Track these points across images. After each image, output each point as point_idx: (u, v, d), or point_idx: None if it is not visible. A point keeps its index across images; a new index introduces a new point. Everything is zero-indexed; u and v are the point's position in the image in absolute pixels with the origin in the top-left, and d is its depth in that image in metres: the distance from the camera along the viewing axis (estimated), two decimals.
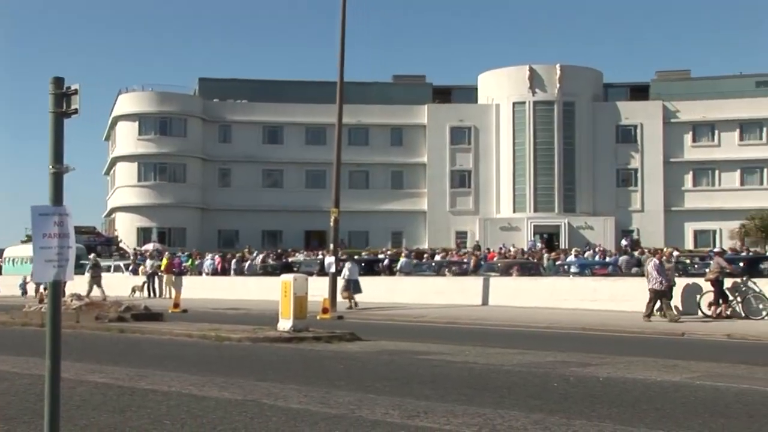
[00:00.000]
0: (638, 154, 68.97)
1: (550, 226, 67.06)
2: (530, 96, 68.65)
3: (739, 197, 65.80)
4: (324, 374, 12.17)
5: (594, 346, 16.59)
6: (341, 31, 28.81)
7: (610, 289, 26.66)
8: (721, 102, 68.19)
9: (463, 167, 70.13)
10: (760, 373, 12.32)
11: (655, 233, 66.16)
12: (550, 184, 68.11)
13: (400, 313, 26.47)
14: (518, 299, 28.24)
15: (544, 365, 13.14)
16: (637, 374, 11.97)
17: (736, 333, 19.29)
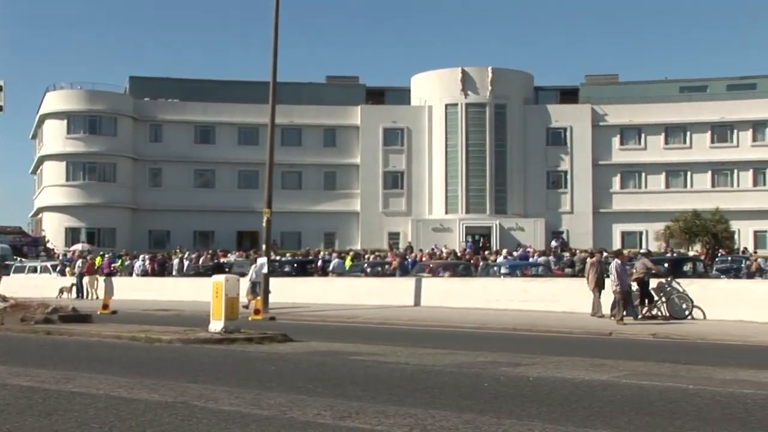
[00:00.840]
0: (568, 157, 70.04)
1: (481, 228, 67.68)
2: (462, 98, 69.21)
3: (665, 199, 67.26)
4: (255, 376, 12.10)
5: (524, 346, 16.80)
6: (274, 31, 28.68)
7: (539, 290, 27.03)
8: (648, 106, 69.63)
9: (396, 168, 70.38)
10: (683, 372, 12.60)
11: (584, 234, 67.31)
12: (482, 185, 68.75)
13: (333, 314, 26.44)
14: (450, 300, 28.44)
15: (475, 365, 13.25)
16: (566, 373, 12.13)
17: (660, 332, 19.72)
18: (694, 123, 69.09)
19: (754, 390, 10.50)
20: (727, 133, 69.13)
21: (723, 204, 61.03)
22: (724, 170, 68.84)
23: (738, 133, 68.84)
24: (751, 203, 66.30)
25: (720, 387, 10.80)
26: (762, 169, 68.24)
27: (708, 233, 54.93)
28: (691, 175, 69.35)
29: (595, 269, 23.78)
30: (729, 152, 68.53)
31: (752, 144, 68.50)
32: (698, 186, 68.59)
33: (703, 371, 12.76)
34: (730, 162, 68.37)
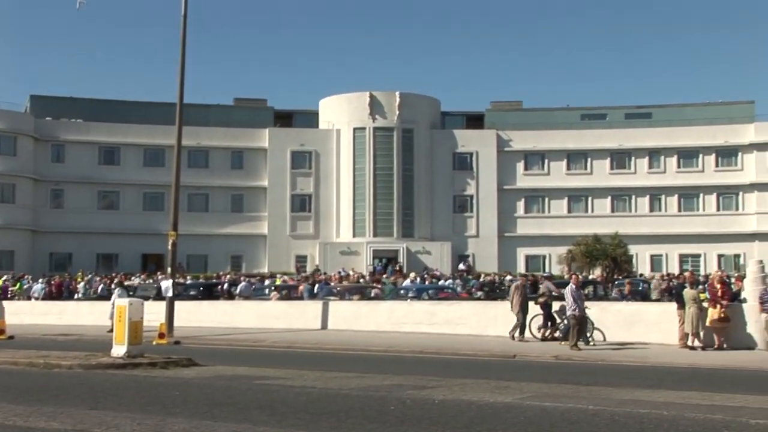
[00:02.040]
0: (474, 181, 71.02)
1: (389, 251, 67.98)
2: (370, 122, 69.62)
3: (567, 224, 68.77)
4: (159, 401, 11.91)
5: (431, 368, 16.95)
6: (181, 52, 28.44)
7: (446, 313, 27.29)
8: (551, 133, 71.26)
9: (303, 191, 70.23)
10: (584, 393, 12.91)
11: (490, 258, 68.28)
12: (390, 209, 69.13)
13: (239, 338, 26.18)
14: (358, 323, 28.47)
15: (381, 389, 13.31)
16: (471, 396, 12.29)
17: (563, 354, 20.15)
18: (594, 150, 70.95)
19: (649, 410, 10.84)
20: (625, 160, 71.20)
21: (622, 228, 62.84)
22: (622, 196, 70.85)
23: (635, 160, 70.96)
24: (648, 228, 68.39)
25: (618, 407, 11.11)
26: (658, 195, 70.45)
27: (608, 257, 56.41)
28: (592, 201, 71.10)
29: (520, 292, 24.03)
30: (627, 178, 70.57)
31: (648, 171, 70.68)
32: (599, 211, 70.36)
33: (603, 392, 13.10)
34: (628, 188, 70.39)
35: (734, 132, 69.41)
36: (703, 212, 69.59)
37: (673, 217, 69.72)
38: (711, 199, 69.76)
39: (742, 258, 63.55)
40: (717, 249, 68.01)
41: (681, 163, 70.31)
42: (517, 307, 23.87)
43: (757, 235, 67.59)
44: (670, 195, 70.17)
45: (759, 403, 11.79)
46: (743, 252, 65.93)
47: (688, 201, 70.09)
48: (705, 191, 69.64)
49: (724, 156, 69.94)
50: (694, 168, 70.06)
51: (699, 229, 68.25)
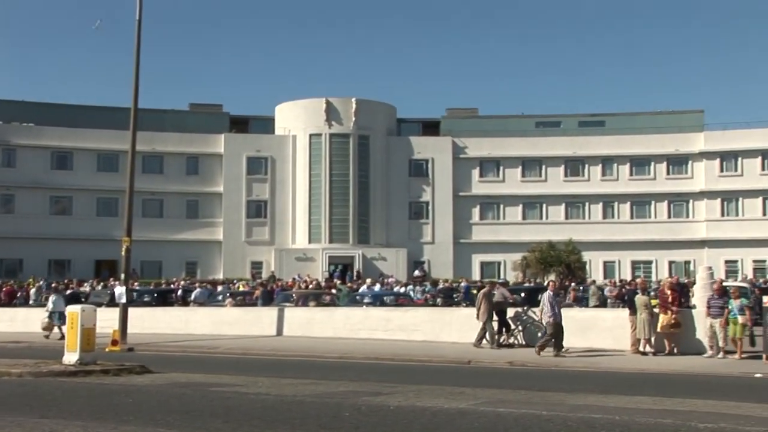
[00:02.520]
0: (429, 188, 71.29)
1: (344, 257, 67.96)
2: (326, 128, 69.58)
3: (521, 231, 69.30)
4: (112, 409, 11.79)
5: (386, 375, 16.99)
6: (136, 56, 28.21)
7: (401, 320, 27.34)
8: (506, 140, 71.79)
9: (259, 197, 69.96)
10: (538, 398, 13.04)
11: (445, 264, 68.56)
12: (345, 215, 69.12)
13: (194, 345, 26.01)
14: (313, 329, 28.42)
15: (336, 395, 13.32)
16: (426, 402, 12.35)
17: (517, 360, 20.31)
18: (548, 157, 71.62)
19: (601, 415, 10.98)
20: (579, 168, 71.96)
21: (575, 235, 63.59)
22: (576, 203, 71.58)
23: (589, 168, 71.76)
24: (601, 235, 69.15)
25: (571, 412, 11.23)
26: (611, 203, 71.27)
27: (562, 263, 57.03)
28: (546, 207, 71.73)
29: (487, 300, 23.83)
30: (581, 186, 71.31)
31: (602, 178, 71.50)
32: (553, 218, 71.03)
33: (556, 397, 13.23)
34: (581, 195, 71.12)
35: (684, 141, 70.53)
36: (654, 219, 70.58)
37: (626, 224, 70.59)
38: (662, 206, 70.77)
39: (692, 264, 64.55)
40: (668, 256, 69.00)
41: (633, 170, 71.24)
42: (484, 315, 23.65)
43: (706, 242, 68.72)
44: (622, 202, 71.04)
45: (708, 407, 11.99)
46: (693, 258, 67.02)
47: (640, 208, 71.04)
48: (656, 199, 70.64)
49: (674, 164, 71.01)
50: (645, 176, 71.03)
51: (651, 236, 69.22)
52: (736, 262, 67.13)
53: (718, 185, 69.33)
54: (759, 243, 66.99)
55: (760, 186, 68.50)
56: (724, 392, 14.29)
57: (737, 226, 68.49)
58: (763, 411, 11.60)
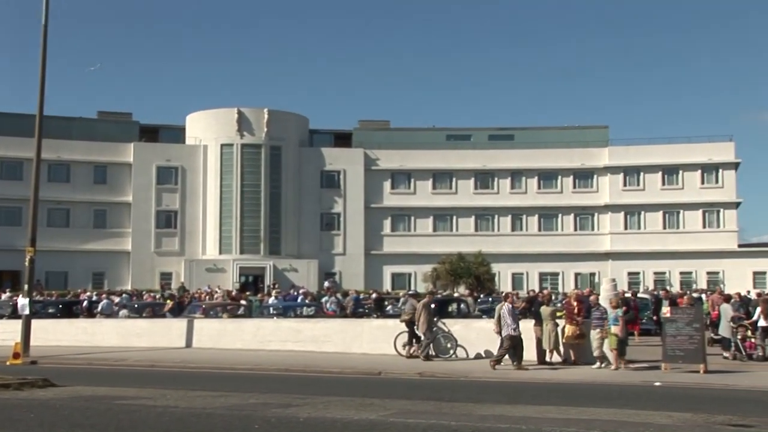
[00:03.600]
0: (341, 199, 71.41)
1: (255, 268, 67.52)
2: (238, 138, 69.10)
3: (432, 242, 69.98)
4: (12, 425, 11.48)
5: (296, 386, 16.96)
6: (41, 62, 27.55)
7: (312, 331, 27.29)
8: (417, 152, 72.44)
9: (169, 207, 69.01)
10: (447, 409, 13.18)
11: (356, 276, 68.72)
12: (257, 226, 68.70)
13: (100, 357, 25.46)
14: (223, 341, 28.14)
15: (246, 407, 13.23)
16: (336, 413, 12.36)
17: (427, 371, 20.47)
18: (459, 170, 72.54)
19: (508, 425, 11.16)
20: (488, 180, 73.07)
21: (485, 247, 64.53)
22: (485, 215, 72.63)
23: (498, 181, 72.93)
24: (510, 247, 70.32)
25: (479, 422, 11.40)
26: (519, 215, 72.56)
27: (471, 275, 57.74)
28: (457, 220, 72.58)
29: (427, 311, 23.68)
30: (490, 198, 72.42)
31: (511, 191, 72.75)
32: (463, 230, 71.91)
33: (465, 408, 13.39)
34: (491, 208, 72.23)
35: (590, 155, 72.32)
36: (561, 232, 72.11)
37: (534, 236, 71.94)
38: (569, 219, 72.37)
39: (597, 276, 66.13)
40: (574, 268, 70.56)
41: (541, 184, 72.68)
42: (424, 325, 23.48)
43: (610, 254, 70.52)
44: (530, 215, 72.39)
45: (609, 415, 12.32)
46: (598, 270, 68.68)
47: (548, 221, 72.49)
48: (563, 212, 72.21)
49: (580, 178, 72.72)
50: (553, 189, 72.55)
51: (558, 248, 70.68)
52: (639, 274, 69.08)
53: (621, 199, 71.30)
54: (660, 255, 69.09)
55: (660, 200, 70.72)
56: (625, 401, 14.70)
57: (639, 239, 70.53)
58: (661, 418, 11.98)
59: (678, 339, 19.99)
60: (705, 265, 69.11)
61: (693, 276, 69.06)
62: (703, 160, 70.93)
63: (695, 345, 19.88)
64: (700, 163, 71.00)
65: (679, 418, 12.03)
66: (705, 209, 70.82)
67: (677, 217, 71.24)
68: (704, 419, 11.96)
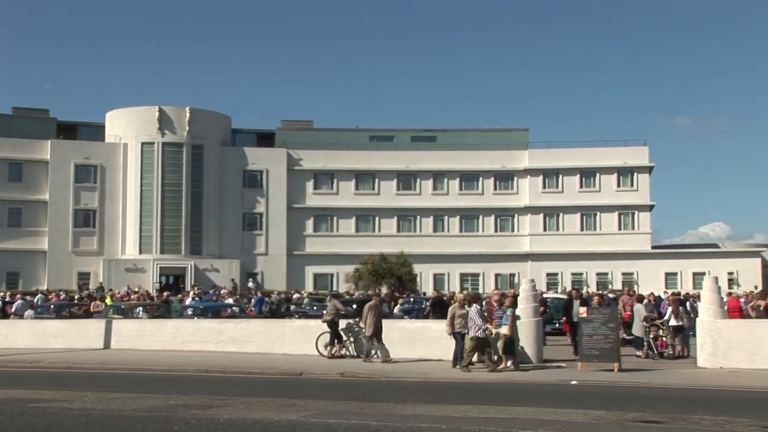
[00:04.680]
0: (263, 199, 71.01)
1: (176, 268, 66.72)
2: (159, 137, 68.18)
3: (354, 243, 70.06)
4: None
5: (217, 387, 16.85)
6: None
7: (233, 331, 27.10)
8: (340, 153, 72.46)
9: (87, 206, 67.72)
10: (368, 409, 13.27)
11: (279, 276, 68.45)
12: (178, 225, 67.87)
13: (14, 359, 24.86)
14: (142, 342, 27.76)
15: (165, 409, 13.11)
16: (256, 414, 12.33)
17: (348, 371, 20.52)
18: (382, 171, 72.80)
19: (429, 424, 11.31)
20: (411, 182, 73.51)
21: (407, 248, 64.90)
22: (408, 216, 73.05)
23: (420, 182, 73.43)
24: (432, 248, 70.87)
25: (400, 422, 11.51)
26: (441, 216, 73.16)
27: (393, 276, 58.02)
28: (379, 220, 72.82)
29: (374, 313, 23.01)
30: (412, 199, 72.88)
31: (433, 192, 73.31)
32: (385, 230, 72.17)
33: (386, 408, 13.49)
34: (413, 209, 72.67)
35: (511, 157, 73.30)
36: (482, 233, 72.93)
37: (455, 237, 72.61)
38: (490, 220, 73.24)
39: (517, 277, 67.09)
40: (494, 268, 71.45)
41: (463, 185, 73.41)
42: (370, 328, 22.79)
43: (530, 255, 71.61)
44: (452, 216, 73.04)
45: (528, 414, 12.57)
46: (518, 271, 69.69)
47: (469, 222, 73.25)
48: (484, 213, 73.05)
49: (501, 180, 73.69)
50: (474, 191, 73.35)
51: (478, 249, 71.47)
52: (557, 275, 70.29)
53: (540, 201, 72.45)
54: (577, 256, 70.42)
55: (578, 203, 72.09)
56: (543, 399, 15.00)
57: (558, 241, 71.78)
58: (577, 416, 12.27)
59: (594, 338, 20.43)
60: (620, 266, 70.72)
61: (609, 277, 70.60)
62: (618, 163, 72.57)
63: (610, 344, 20.34)
64: (616, 166, 72.62)
65: (593, 415, 12.34)
66: (620, 212, 72.47)
67: (594, 219, 72.74)
68: (617, 416, 12.29)
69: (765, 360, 20.26)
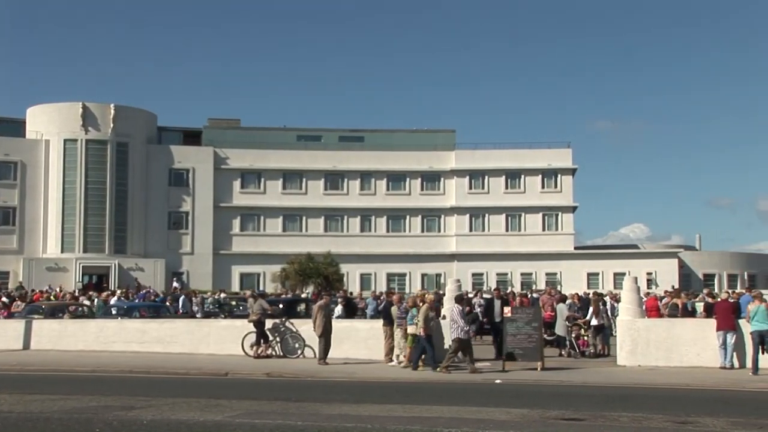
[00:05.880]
0: (190, 198, 70.29)
1: (100, 267, 65.59)
2: (83, 134, 66.97)
3: (281, 242, 69.82)
4: None
5: (140, 388, 16.64)
6: None
7: (157, 331, 26.79)
8: (267, 152, 72.12)
9: (7, 204, 66.16)
10: (294, 409, 13.25)
11: (205, 276, 67.81)
12: (102, 224, 66.74)
13: None
14: (64, 342, 27.26)
15: (87, 411, 12.91)
16: (181, 415, 12.22)
17: (275, 371, 20.45)
18: (309, 170, 72.69)
19: (354, 423, 11.36)
20: (338, 181, 73.56)
21: (334, 248, 64.89)
22: (335, 216, 73.07)
23: (348, 182, 73.51)
24: (359, 248, 71.00)
25: (326, 422, 11.54)
26: (368, 216, 73.36)
27: (320, 275, 57.93)
28: (306, 220, 72.70)
29: (323, 313, 22.62)
30: (340, 199, 72.92)
31: (360, 192, 73.48)
32: (312, 230, 72.09)
33: (312, 407, 13.50)
34: (340, 208, 72.72)
35: (438, 158, 73.89)
36: (409, 233, 73.35)
37: (382, 237, 72.88)
38: (416, 221, 73.70)
39: (443, 277, 67.62)
40: (421, 268, 71.94)
41: (390, 185, 73.74)
42: (320, 328, 22.39)
43: (456, 255, 72.27)
44: (379, 216, 73.30)
45: (452, 413, 12.70)
46: (444, 271, 70.26)
47: (396, 222, 73.60)
48: (411, 213, 73.49)
49: (428, 181, 74.22)
50: (401, 191, 73.74)
51: (405, 249, 71.86)
52: (482, 275, 71.08)
53: (466, 202, 73.18)
54: (502, 257, 71.30)
55: (503, 203, 72.99)
56: (468, 398, 15.18)
57: (483, 241, 72.57)
58: (500, 414, 12.46)
59: (517, 338, 20.75)
60: (544, 266, 71.85)
61: (533, 277, 71.64)
62: (543, 165, 73.71)
63: (534, 343, 20.69)
64: (541, 168, 73.75)
65: (517, 414, 12.54)
66: (545, 213, 73.62)
67: (519, 220, 73.76)
68: (540, 414, 12.52)
69: (680, 358, 20.89)
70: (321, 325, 22.34)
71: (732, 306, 21.69)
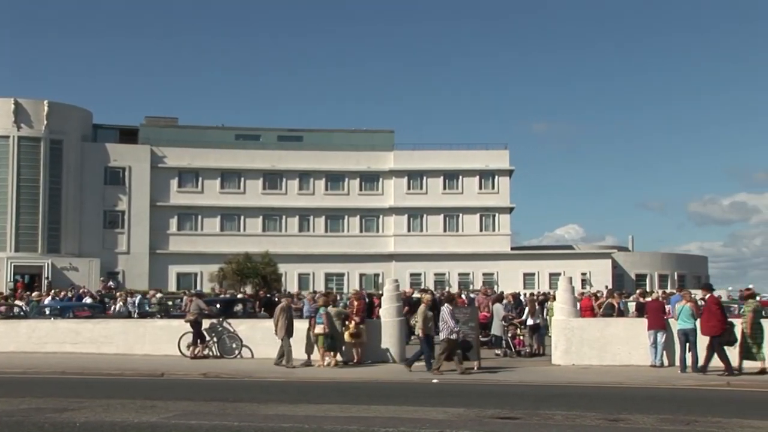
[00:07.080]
0: (126, 197, 69.40)
1: (32, 267, 64.34)
2: (15, 130, 65.63)
3: (219, 242, 69.33)
4: None
5: (74, 390, 16.41)
6: None
7: (91, 332, 26.41)
8: (205, 151, 71.55)
9: None
10: (230, 410, 13.20)
11: (141, 275, 66.98)
12: (34, 223, 65.50)
13: None
14: None
15: (17, 413, 12.67)
16: (115, 417, 12.09)
17: (211, 372, 20.34)
18: (247, 170, 72.29)
19: (291, 424, 11.37)
20: (277, 181, 73.30)
21: (272, 247, 64.63)
22: (273, 216, 72.80)
23: (287, 182, 73.30)
24: (297, 248, 70.85)
25: (263, 422, 11.52)
26: (307, 216, 73.26)
27: (258, 275, 57.68)
28: (245, 220, 72.30)
29: (285, 315, 22.20)
30: (278, 199, 72.67)
31: (299, 192, 73.34)
32: (250, 230, 71.71)
33: (249, 408, 13.46)
34: (279, 208, 72.48)
35: (376, 159, 74.09)
36: (347, 233, 73.42)
37: (320, 237, 72.85)
38: (355, 221, 73.80)
39: (381, 277, 67.83)
40: (359, 268, 72.04)
41: (328, 185, 73.74)
42: (282, 331, 21.94)
43: (394, 255, 72.53)
44: (318, 216, 73.24)
45: (390, 412, 12.78)
46: (382, 271, 70.47)
47: (335, 222, 73.62)
48: (350, 213, 73.56)
49: (367, 181, 74.38)
50: (340, 191, 73.77)
51: (344, 249, 71.90)
52: (420, 275, 71.46)
53: (405, 202, 73.52)
54: (440, 257, 71.81)
55: (441, 204, 73.51)
56: (405, 398, 15.28)
57: (421, 241, 72.98)
58: (437, 414, 12.56)
59: None
60: (481, 266, 72.49)
61: (470, 277, 72.22)
62: (480, 166, 74.37)
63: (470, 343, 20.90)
64: (478, 169, 74.40)
65: (453, 413, 12.66)
66: (482, 213, 74.29)
67: (457, 221, 74.32)
68: (476, 413, 12.65)
69: (613, 357, 21.30)
70: (283, 327, 21.97)
71: (662, 306, 22.20)
